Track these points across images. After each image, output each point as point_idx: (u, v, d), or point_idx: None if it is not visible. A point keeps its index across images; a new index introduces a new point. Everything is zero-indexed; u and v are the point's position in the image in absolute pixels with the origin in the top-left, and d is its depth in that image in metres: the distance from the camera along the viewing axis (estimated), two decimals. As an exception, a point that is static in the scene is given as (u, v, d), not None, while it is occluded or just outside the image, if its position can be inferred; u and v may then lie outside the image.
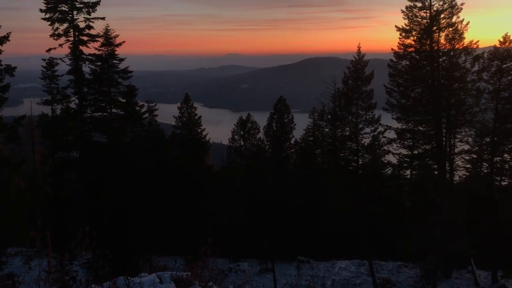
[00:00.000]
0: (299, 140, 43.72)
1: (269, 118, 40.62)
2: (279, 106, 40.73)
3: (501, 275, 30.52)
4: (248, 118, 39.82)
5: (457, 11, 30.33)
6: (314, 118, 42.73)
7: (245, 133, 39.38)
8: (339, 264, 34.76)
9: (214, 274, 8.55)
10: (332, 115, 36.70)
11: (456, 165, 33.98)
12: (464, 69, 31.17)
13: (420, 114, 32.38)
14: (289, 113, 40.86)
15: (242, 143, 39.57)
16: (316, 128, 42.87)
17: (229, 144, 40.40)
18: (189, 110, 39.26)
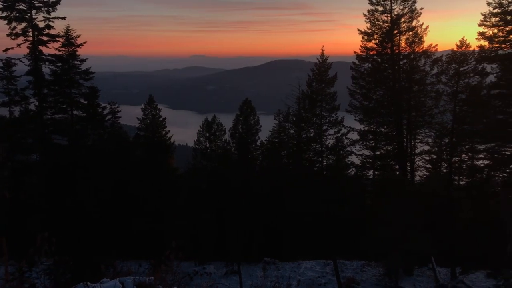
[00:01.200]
0: (265, 141, 43.84)
1: (235, 119, 40.55)
2: (245, 108, 40.73)
3: (459, 271, 31.53)
4: (214, 120, 39.62)
5: (417, 15, 31.30)
6: (280, 120, 42.93)
7: (211, 135, 39.17)
8: (304, 264, 35.02)
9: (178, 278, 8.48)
10: (297, 117, 37.05)
11: (417, 165, 35.00)
12: (423, 71, 32.17)
13: (382, 115, 33.21)
14: (255, 115, 40.92)
15: (208, 145, 39.33)
16: (282, 129, 43.08)
17: (195, 146, 40.07)
18: (153, 112, 38.75)
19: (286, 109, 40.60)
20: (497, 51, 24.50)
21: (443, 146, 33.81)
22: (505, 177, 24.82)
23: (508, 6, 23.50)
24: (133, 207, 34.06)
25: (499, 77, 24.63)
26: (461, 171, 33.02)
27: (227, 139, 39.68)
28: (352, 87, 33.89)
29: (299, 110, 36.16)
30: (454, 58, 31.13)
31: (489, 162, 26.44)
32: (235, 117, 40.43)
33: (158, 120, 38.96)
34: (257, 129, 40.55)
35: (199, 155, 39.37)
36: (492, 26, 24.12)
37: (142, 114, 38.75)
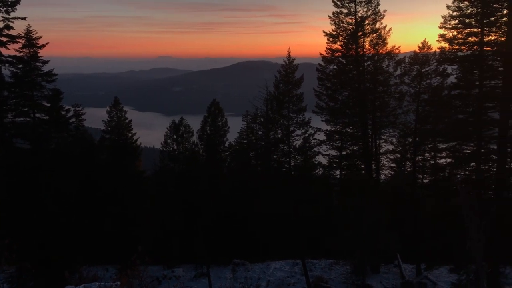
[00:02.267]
0: (233, 143, 43.84)
1: (203, 121, 40.40)
2: (212, 109, 40.63)
3: (424, 267, 32.38)
4: (181, 122, 39.33)
5: (380, 17, 31.94)
6: (248, 121, 43.03)
7: (178, 136, 38.86)
8: (273, 265, 35.21)
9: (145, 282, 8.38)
10: (265, 118, 37.19)
11: (382, 164, 35.73)
12: (387, 73, 32.87)
13: (347, 116, 33.70)
14: (222, 116, 40.89)
15: (175, 147, 38.99)
16: (250, 131, 43.19)
17: (162, 148, 39.68)
18: (119, 114, 38.16)
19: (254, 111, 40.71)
20: (457, 53, 25.22)
21: (406, 146, 34.67)
22: (466, 175, 25.60)
23: (467, 9, 24.23)
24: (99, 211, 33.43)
25: (459, 78, 25.37)
26: (424, 169, 33.94)
27: (195, 140, 39.49)
28: (318, 88, 34.27)
29: (267, 111, 36.29)
30: (417, 59, 31.96)
31: (450, 161, 27.19)
32: (203, 118, 40.30)
33: (124, 122, 38.40)
34: (225, 130, 40.54)
35: (166, 157, 39.00)
36: (451, 29, 24.79)
37: (107, 117, 38.15)
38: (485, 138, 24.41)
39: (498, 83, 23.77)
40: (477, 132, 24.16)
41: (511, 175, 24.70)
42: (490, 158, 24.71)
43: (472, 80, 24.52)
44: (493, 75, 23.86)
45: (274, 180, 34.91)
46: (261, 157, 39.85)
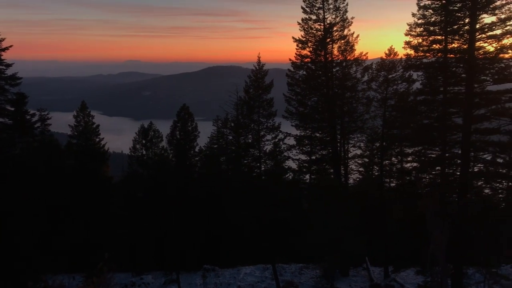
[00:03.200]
0: (204, 148, 43.61)
1: (172, 126, 40.02)
2: (182, 113, 40.29)
3: (391, 270, 32.97)
4: (150, 126, 38.86)
5: (348, 24, 32.54)
6: (218, 126, 42.91)
7: (147, 141, 38.36)
8: (244, 270, 35.14)
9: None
10: (235, 123, 37.24)
11: (350, 168, 36.29)
12: (355, 79, 33.49)
13: (316, 121, 34.13)
14: (192, 121, 40.61)
15: (144, 152, 38.47)
16: (220, 135, 43.06)
17: (131, 154, 39.07)
18: (86, 119, 37.44)
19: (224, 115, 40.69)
20: (422, 60, 25.86)
21: (374, 150, 35.32)
22: (431, 179, 26.24)
23: (431, 18, 24.91)
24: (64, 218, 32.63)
25: (424, 84, 26.03)
26: (391, 173, 34.62)
27: (164, 145, 39.04)
28: (288, 93, 34.57)
29: (237, 116, 36.38)
30: (383, 66, 32.67)
31: (416, 165, 27.83)
32: (172, 123, 39.92)
33: (91, 127, 37.70)
34: (195, 135, 40.25)
35: (135, 163, 38.43)
36: (417, 36, 25.42)
37: (74, 121, 37.37)
38: (450, 143, 25.09)
39: (461, 89, 24.50)
40: (441, 137, 24.80)
41: (474, 179, 25.43)
42: (454, 162, 25.41)
43: (437, 86, 25.21)
44: (457, 81, 24.58)
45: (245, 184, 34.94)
46: (231, 162, 39.79)
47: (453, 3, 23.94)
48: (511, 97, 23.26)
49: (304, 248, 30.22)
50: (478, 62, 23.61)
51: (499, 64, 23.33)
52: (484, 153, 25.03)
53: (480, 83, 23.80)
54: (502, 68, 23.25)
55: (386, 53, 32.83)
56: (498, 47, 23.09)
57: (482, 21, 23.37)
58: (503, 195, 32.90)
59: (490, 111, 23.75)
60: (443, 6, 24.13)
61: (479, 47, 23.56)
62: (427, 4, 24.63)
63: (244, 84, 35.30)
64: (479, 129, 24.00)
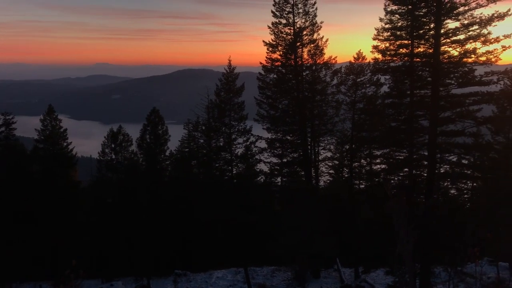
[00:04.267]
0: (174, 151, 43.25)
1: (142, 129, 39.52)
2: (152, 117, 39.87)
3: (362, 270, 33.42)
4: (120, 130, 38.28)
5: (318, 28, 32.92)
6: (189, 129, 42.63)
7: (117, 145, 37.77)
8: (216, 274, 34.96)
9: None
10: (206, 126, 37.09)
11: (321, 171, 36.67)
12: (324, 82, 33.91)
13: (287, 124, 34.34)
14: (163, 125, 40.22)
15: (113, 157, 37.87)
16: (191, 139, 42.79)
17: (100, 158, 38.38)
18: (53, 123, 36.63)
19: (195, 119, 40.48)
20: (390, 63, 26.32)
21: (344, 153, 35.79)
22: (399, 180, 26.77)
23: (398, 22, 25.42)
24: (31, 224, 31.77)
25: (391, 88, 26.55)
26: (360, 175, 35.16)
27: (134, 149, 38.52)
28: (259, 96, 34.69)
29: (209, 119, 36.24)
30: (352, 69, 33.19)
31: (385, 167, 28.35)
32: (142, 127, 39.45)
33: (58, 131, 36.90)
34: (165, 139, 39.87)
35: (104, 167, 37.78)
36: (384, 40, 25.86)
37: (41, 125, 36.50)
38: (417, 145, 25.64)
39: (427, 92, 25.09)
40: (409, 139, 25.32)
41: (440, 180, 26.07)
42: (421, 163, 25.98)
43: (404, 89, 25.73)
44: (423, 85, 25.16)
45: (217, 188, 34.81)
46: (203, 165, 39.59)
47: (419, 8, 24.50)
48: (474, 100, 23.95)
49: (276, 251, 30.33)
50: (443, 66, 24.24)
51: (463, 68, 24.00)
52: (450, 154, 25.67)
53: (445, 87, 24.41)
54: (466, 72, 23.92)
55: (354, 57, 33.36)
56: (461, 51, 23.74)
57: (447, 26, 24.00)
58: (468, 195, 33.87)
59: (455, 113, 24.39)
60: (409, 11, 24.67)
61: (444, 51, 24.19)
62: (394, 9, 25.13)
63: (215, 87, 35.21)
64: (445, 131, 24.62)
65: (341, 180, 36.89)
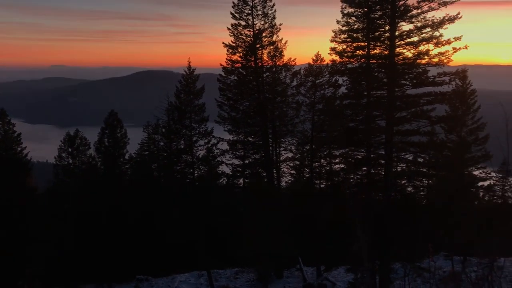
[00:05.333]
0: (134, 155, 42.60)
1: (100, 133, 38.74)
2: (110, 120, 39.14)
3: (323, 269, 33.90)
4: (77, 134, 37.33)
5: (277, 30, 33.21)
6: (149, 132, 42.09)
7: (74, 150, 36.81)
8: (179, 278, 34.63)
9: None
10: (167, 129, 36.67)
11: (283, 171, 36.95)
12: (285, 84, 34.24)
13: (249, 126, 34.46)
14: (122, 128, 39.56)
15: (70, 161, 36.89)
16: (151, 142, 42.26)
17: (56, 163, 37.31)
18: (6, 127, 35.33)
19: (155, 121, 39.99)
20: (347, 65, 26.77)
21: (304, 153, 36.20)
22: (358, 179, 27.32)
23: (354, 25, 25.90)
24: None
25: (349, 89, 27.05)
26: (321, 175, 35.67)
27: (92, 153, 37.70)
28: (220, 98, 34.62)
29: (169, 121, 35.85)
30: (311, 71, 33.66)
31: (344, 166, 28.87)
32: (100, 130, 38.65)
33: (11, 135, 35.60)
34: (125, 142, 39.24)
35: (61, 172, 36.76)
36: (341, 42, 26.29)
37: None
38: (374, 144, 26.21)
39: (383, 93, 25.70)
40: (366, 139, 25.87)
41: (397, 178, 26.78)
42: (378, 162, 26.60)
43: (361, 90, 26.27)
44: (379, 86, 25.76)
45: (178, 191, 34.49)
46: (163, 168, 39.14)
47: (374, 11, 25.06)
48: (428, 100, 24.74)
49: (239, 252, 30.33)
50: (398, 68, 24.89)
51: (417, 69, 24.72)
52: (406, 153, 26.41)
53: (400, 87, 25.08)
54: (419, 73, 24.65)
55: (313, 59, 33.82)
56: (415, 53, 24.45)
57: (401, 29, 24.65)
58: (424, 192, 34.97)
59: (410, 113, 25.10)
60: (365, 14, 25.19)
61: (398, 53, 24.83)
62: (351, 12, 25.58)
63: (175, 89, 34.90)
64: (401, 130, 25.30)
65: (302, 180, 37.31)
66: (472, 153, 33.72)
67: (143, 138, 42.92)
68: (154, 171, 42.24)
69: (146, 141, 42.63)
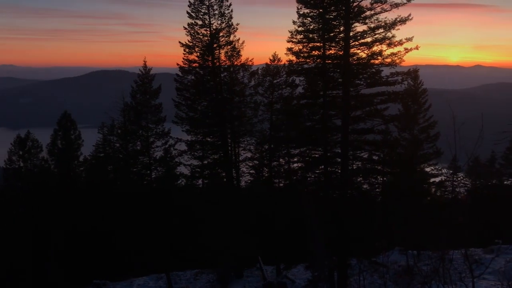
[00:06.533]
0: (89, 157, 41.56)
1: (53, 135, 37.60)
2: (64, 121, 38.07)
3: (283, 267, 34.20)
4: (28, 136, 36.05)
5: (234, 30, 33.14)
6: (104, 133, 41.17)
7: (25, 152, 35.53)
8: (137, 282, 34.04)
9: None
10: (122, 130, 35.94)
11: (242, 171, 36.96)
12: (243, 84, 34.27)
13: (207, 126, 34.23)
14: (75, 129, 38.57)
15: (21, 164, 35.57)
16: (107, 143, 41.38)
17: (6, 166, 35.86)
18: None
19: (110, 122, 39.17)
20: (303, 65, 27.15)
21: (263, 153, 36.40)
22: (316, 177, 27.76)
23: (310, 25, 26.29)
24: None
25: (306, 89, 27.45)
26: (280, 174, 36.01)
27: (44, 156, 36.52)
28: (177, 98, 34.20)
29: (124, 122, 35.14)
30: (268, 71, 33.91)
31: (302, 165, 29.23)
32: (53, 132, 37.50)
33: (-44, 138, 33.93)
34: (79, 144, 38.33)
35: (11, 176, 35.38)
36: (298, 43, 26.60)
37: None
38: (331, 143, 26.75)
39: (339, 93, 26.26)
40: (323, 137, 26.34)
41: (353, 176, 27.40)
42: (335, 161, 27.15)
43: (317, 90, 26.71)
44: (334, 85, 26.29)
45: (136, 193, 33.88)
46: (120, 170, 38.33)
47: (329, 12, 25.54)
48: (382, 99, 25.48)
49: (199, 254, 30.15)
50: (352, 68, 25.47)
51: (370, 69, 25.41)
52: (361, 151, 27.10)
53: (355, 87, 25.70)
54: (373, 73, 25.35)
55: (270, 59, 34.06)
56: (369, 53, 25.12)
57: (355, 30, 25.23)
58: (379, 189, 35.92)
59: (364, 112, 25.77)
60: (320, 15, 25.61)
61: (353, 53, 25.42)
62: (306, 13, 25.95)
63: (131, 89, 34.27)
64: (356, 129, 25.94)
65: (262, 179, 37.50)
66: (424, 151, 34.96)
67: (98, 140, 41.98)
68: (110, 173, 41.34)
69: (102, 143, 41.71)
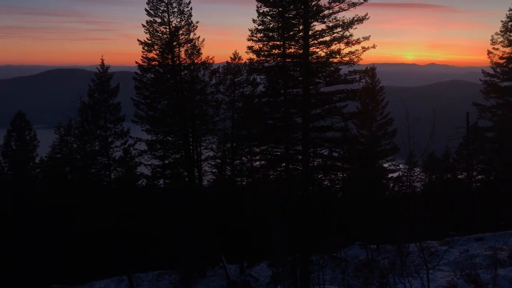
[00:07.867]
0: (45, 158, 40.33)
1: (7, 136, 36.24)
2: (18, 122, 36.72)
3: (246, 265, 34.31)
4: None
5: (194, 28, 32.95)
6: (61, 134, 40.03)
7: (-24, 155, 34.09)
8: (98, 285, 33.27)
9: None
10: (80, 130, 35.01)
11: (204, 170, 36.82)
12: (203, 82, 34.10)
13: (168, 125, 33.87)
14: (30, 130, 37.28)
15: (-28, 167, 34.11)
16: (64, 144, 40.26)
17: (-45, 170, 34.30)
18: None
19: (67, 122, 38.17)
20: (264, 64, 27.23)
21: (225, 151, 36.40)
22: (277, 175, 27.95)
23: (270, 24, 26.40)
24: None
25: (267, 87, 27.53)
26: (242, 172, 36.08)
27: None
28: (137, 97, 33.67)
29: (82, 122, 34.26)
30: (229, 69, 33.91)
31: (264, 163, 29.36)
32: (6, 133, 36.15)
33: None
34: (34, 145, 37.10)
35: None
36: (258, 41, 26.64)
37: None
38: (292, 141, 26.95)
39: (299, 91, 26.46)
40: (285, 135, 26.52)
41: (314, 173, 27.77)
42: (296, 158, 27.42)
43: (278, 88, 26.85)
44: (295, 84, 26.49)
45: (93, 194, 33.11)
46: (78, 171, 37.34)
47: (288, 11, 25.69)
48: (341, 97, 25.88)
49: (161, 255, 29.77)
50: (312, 66, 25.71)
51: (329, 67, 25.74)
52: (322, 148, 27.48)
53: (314, 85, 25.97)
54: (332, 71, 25.70)
55: (231, 57, 34.10)
56: (328, 52, 25.41)
57: (314, 28, 25.45)
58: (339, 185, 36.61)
59: (324, 110, 26.09)
60: (279, 14, 25.75)
61: (312, 52, 25.65)
62: (266, 11, 26.03)
63: (88, 88, 33.46)
64: (316, 127, 26.25)
65: (224, 178, 37.46)
66: (382, 147, 35.86)
67: (55, 140, 40.83)
68: (68, 175, 40.22)
69: (58, 144, 40.59)
